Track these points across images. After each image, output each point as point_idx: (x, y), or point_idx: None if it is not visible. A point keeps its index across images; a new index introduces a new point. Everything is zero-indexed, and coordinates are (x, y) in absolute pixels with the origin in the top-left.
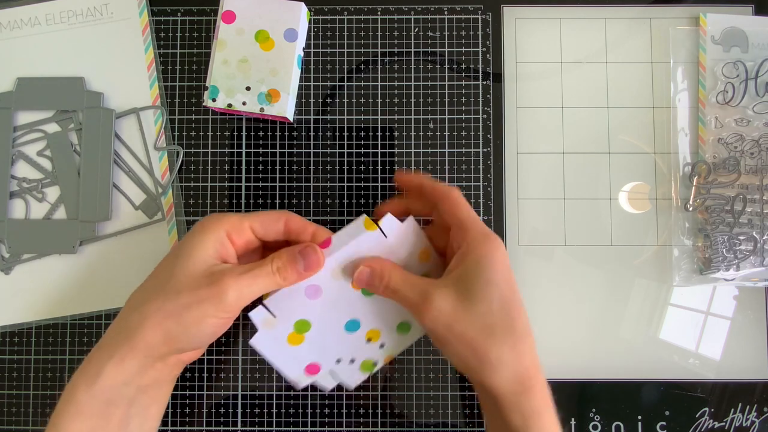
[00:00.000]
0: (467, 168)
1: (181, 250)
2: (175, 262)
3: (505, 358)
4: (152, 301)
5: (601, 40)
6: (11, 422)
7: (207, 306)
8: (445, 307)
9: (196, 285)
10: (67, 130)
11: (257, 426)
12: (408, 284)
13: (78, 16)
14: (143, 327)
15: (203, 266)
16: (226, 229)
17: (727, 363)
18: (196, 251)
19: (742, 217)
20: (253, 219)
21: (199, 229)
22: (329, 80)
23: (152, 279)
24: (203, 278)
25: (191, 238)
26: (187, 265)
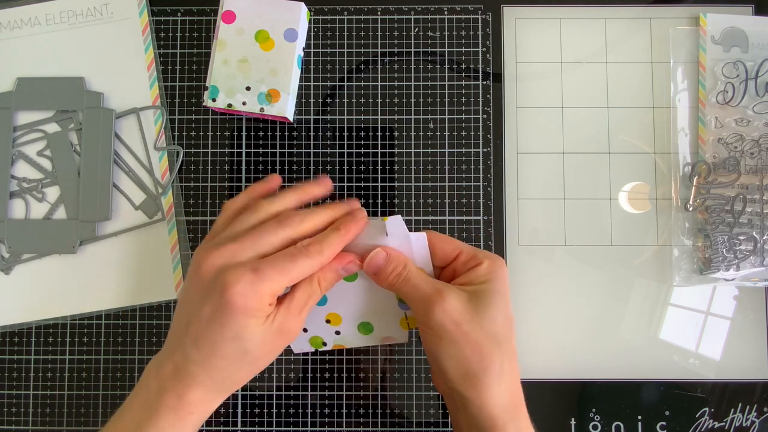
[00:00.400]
0: (467, 168)
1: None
2: (242, 345)
3: (505, 368)
4: (241, 371)
5: (601, 40)
6: (11, 422)
7: (283, 347)
8: (457, 305)
9: (273, 345)
10: (67, 130)
11: (257, 426)
12: (422, 276)
13: (78, 16)
14: (238, 386)
15: (266, 334)
16: (269, 302)
17: (727, 363)
18: (252, 334)
19: (742, 217)
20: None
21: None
22: (329, 80)
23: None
24: (274, 337)
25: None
26: (253, 345)
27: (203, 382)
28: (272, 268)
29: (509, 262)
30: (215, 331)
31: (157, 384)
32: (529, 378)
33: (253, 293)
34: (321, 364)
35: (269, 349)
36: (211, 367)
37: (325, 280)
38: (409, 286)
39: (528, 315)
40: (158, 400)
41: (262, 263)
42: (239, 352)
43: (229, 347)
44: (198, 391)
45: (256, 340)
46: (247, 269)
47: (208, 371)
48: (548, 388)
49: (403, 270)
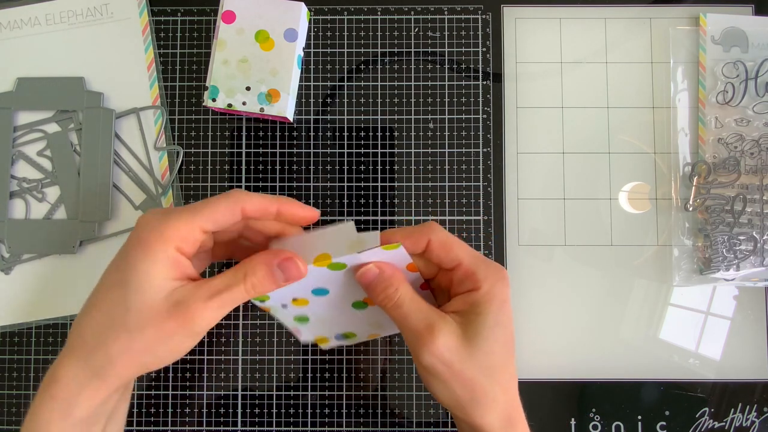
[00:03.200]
0: (467, 168)
1: (128, 278)
2: (125, 294)
3: (498, 397)
4: (115, 340)
5: (601, 40)
6: (11, 422)
7: (178, 338)
8: (450, 344)
9: (161, 318)
10: (67, 130)
11: (257, 426)
12: (415, 305)
13: (78, 16)
14: (114, 366)
15: (161, 295)
16: (175, 244)
17: (727, 363)
18: (148, 281)
19: (742, 217)
20: (203, 218)
21: (142, 248)
22: (329, 80)
23: (102, 312)
24: (166, 309)
25: (135, 262)
26: (143, 299)
27: (75, 347)
28: (184, 209)
29: (509, 262)
30: (105, 277)
31: None
32: (529, 378)
33: (153, 229)
34: (321, 364)
35: (156, 321)
36: (86, 325)
37: (254, 274)
38: (400, 315)
39: (528, 315)
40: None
41: (177, 207)
42: (120, 306)
43: (111, 296)
44: (67, 364)
45: (144, 293)
46: (158, 212)
47: (82, 332)
48: (548, 388)
49: (394, 293)
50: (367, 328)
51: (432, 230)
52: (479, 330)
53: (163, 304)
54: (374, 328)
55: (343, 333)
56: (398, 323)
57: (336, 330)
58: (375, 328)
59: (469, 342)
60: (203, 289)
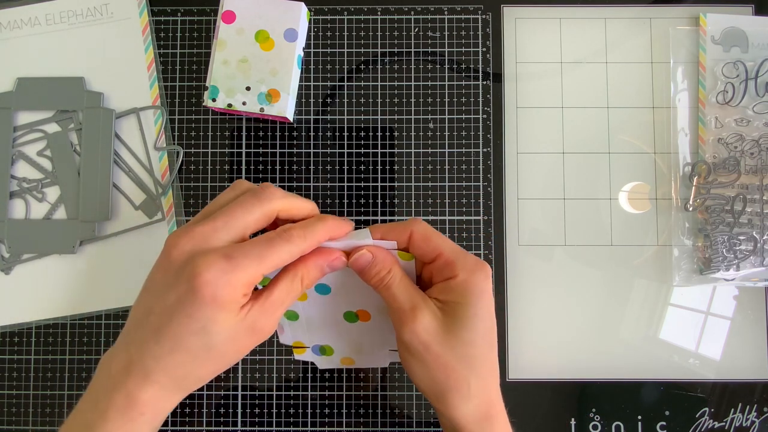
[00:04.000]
0: (467, 168)
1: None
2: (209, 340)
3: (473, 390)
4: (204, 368)
5: (601, 40)
6: (11, 422)
7: (252, 346)
8: (429, 325)
9: (242, 342)
10: (67, 130)
11: (257, 426)
12: (403, 286)
13: (78, 16)
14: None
15: (240, 328)
16: (243, 293)
17: (727, 363)
18: (228, 327)
19: (742, 217)
20: (267, 267)
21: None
22: (329, 80)
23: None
24: (244, 334)
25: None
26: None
27: (159, 379)
28: (247, 255)
29: (509, 262)
30: (180, 322)
31: (109, 381)
32: (529, 378)
33: (224, 283)
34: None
35: (238, 347)
36: (171, 362)
37: (308, 276)
38: (389, 294)
39: (528, 315)
40: (107, 400)
41: (237, 249)
42: (204, 348)
43: (194, 341)
44: (151, 389)
45: (224, 336)
46: (219, 256)
47: (167, 367)
48: (548, 388)
49: (387, 275)
50: (346, 347)
51: (414, 224)
52: (457, 318)
53: (242, 334)
54: (353, 350)
55: (321, 345)
56: (387, 303)
57: (317, 340)
58: (354, 351)
59: (448, 328)
60: (268, 305)
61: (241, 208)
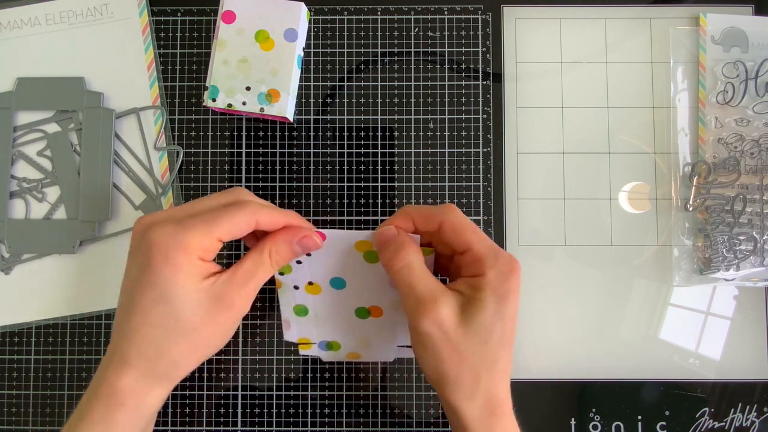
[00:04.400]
0: (467, 168)
1: (168, 292)
2: (171, 308)
3: (484, 384)
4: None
5: (601, 40)
6: (11, 422)
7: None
8: (450, 317)
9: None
10: (67, 130)
11: (257, 426)
12: (424, 275)
13: (78, 16)
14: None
15: (202, 296)
16: (197, 255)
17: (727, 363)
18: (187, 291)
19: (742, 217)
20: (221, 231)
21: (171, 264)
22: (329, 80)
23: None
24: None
25: (170, 277)
26: (189, 307)
27: (135, 363)
28: (197, 219)
29: None
30: (143, 293)
31: (98, 372)
32: (529, 378)
33: (174, 244)
34: (321, 364)
35: (207, 318)
36: (141, 340)
37: (276, 251)
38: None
39: (528, 315)
40: (93, 389)
41: (187, 217)
42: (170, 318)
43: (159, 311)
44: (129, 375)
45: (187, 303)
46: (171, 222)
47: (138, 346)
48: (548, 388)
49: (406, 255)
50: (354, 343)
51: (447, 212)
52: (477, 316)
53: (208, 304)
54: (360, 345)
55: (328, 341)
56: (403, 288)
57: (325, 335)
58: (361, 346)
59: (467, 323)
60: (237, 277)
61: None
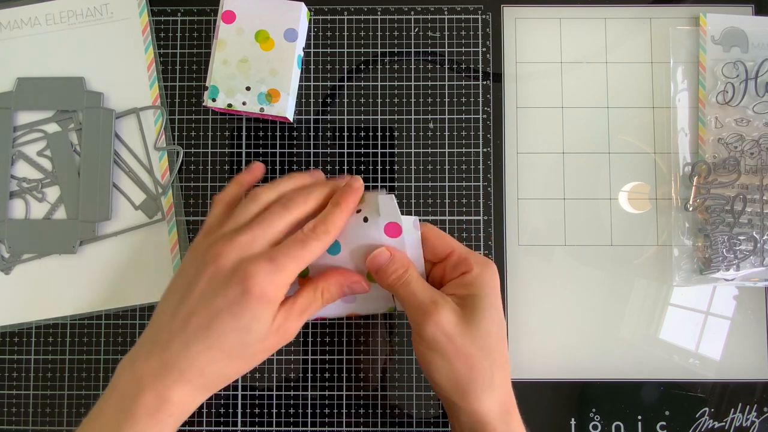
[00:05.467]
0: (467, 168)
1: (251, 326)
2: (247, 338)
3: (496, 380)
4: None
5: (601, 40)
6: (11, 422)
7: (276, 349)
8: (451, 317)
9: (270, 343)
10: (67, 130)
11: (257, 425)
12: (421, 284)
13: (78, 16)
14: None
15: (273, 330)
16: (285, 293)
17: (727, 363)
18: (267, 326)
19: (742, 217)
20: (304, 264)
21: (264, 305)
22: (329, 80)
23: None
24: (274, 335)
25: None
26: (262, 339)
27: (191, 378)
28: (286, 256)
29: (509, 262)
30: (225, 321)
31: (134, 384)
32: (529, 378)
33: (270, 283)
34: (321, 363)
35: (267, 346)
36: (207, 359)
37: (328, 291)
38: (407, 292)
39: (528, 315)
40: (134, 402)
41: (276, 252)
42: (240, 345)
43: (233, 338)
44: (182, 389)
45: (260, 333)
46: (264, 259)
47: (201, 365)
48: (548, 388)
49: (404, 273)
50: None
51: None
52: (476, 310)
53: (272, 333)
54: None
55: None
56: (405, 300)
57: None
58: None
59: (468, 320)
60: (294, 311)
61: (274, 218)
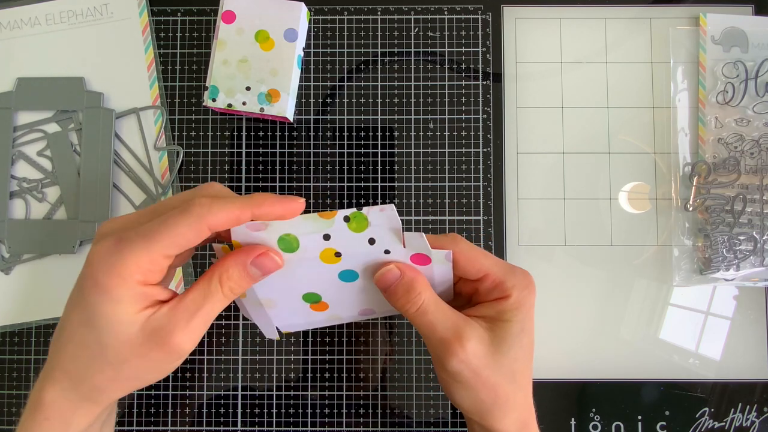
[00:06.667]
0: (467, 168)
1: (93, 320)
2: (96, 335)
3: (519, 402)
4: (99, 372)
5: (601, 40)
6: (11, 422)
7: (164, 362)
8: (479, 350)
9: (142, 350)
10: (67, 130)
11: (257, 425)
12: (440, 312)
13: (78, 16)
14: (102, 392)
15: (133, 329)
16: (136, 279)
17: (727, 363)
18: (114, 322)
19: (742, 217)
20: (163, 245)
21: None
22: (329, 80)
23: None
24: (145, 340)
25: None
26: (116, 338)
27: (57, 377)
28: (138, 233)
29: (509, 262)
30: (71, 312)
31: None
32: None
33: (107, 267)
34: (321, 364)
35: (138, 353)
36: (67, 358)
37: (229, 278)
38: (425, 322)
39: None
40: (28, 400)
41: (131, 230)
42: (96, 345)
43: (83, 335)
44: (53, 389)
45: (115, 333)
46: (112, 237)
47: (63, 364)
48: (548, 388)
49: (418, 298)
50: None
51: (455, 242)
52: (506, 337)
53: (140, 337)
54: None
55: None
56: (423, 330)
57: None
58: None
59: (496, 348)
60: (180, 311)
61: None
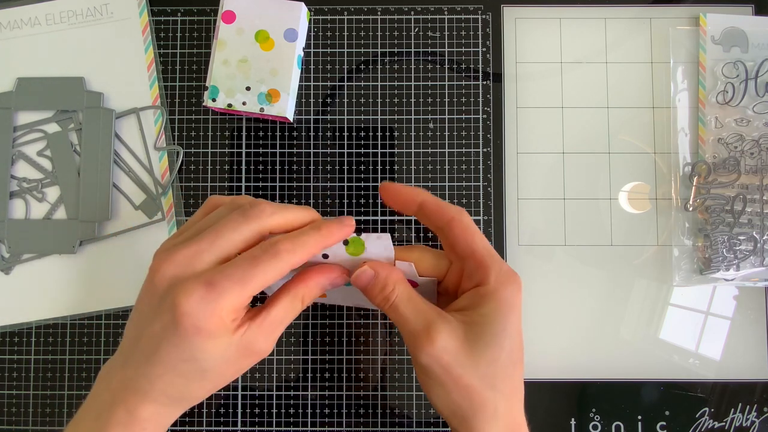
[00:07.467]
0: (467, 168)
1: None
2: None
3: (500, 410)
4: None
5: (601, 40)
6: (11, 422)
7: (249, 365)
8: (449, 346)
9: (237, 363)
10: (67, 130)
11: (257, 425)
12: (412, 306)
13: (78, 16)
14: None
15: (231, 350)
16: (230, 318)
17: (727, 363)
18: (217, 355)
19: (742, 217)
20: (254, 288)
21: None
22: (329, 80)
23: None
24: (239, 355)
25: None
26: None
27: (156, 398)
28: (230, 278)
29: (509, 262)
30: (168, 351)
31: (109, 395)
32: (529, 378)
33: (206, 313)
34: (321, 364)
35: (235, 367)
36: (166, 384)
37: (309, 296)
38: (397, 315)
39: (528, 315)
40: (109, 414)
41: (218, 273)
42: (197, 372)
43: (185, 367)
44: (151, 407)
45: (216, 360)
46: (199, 283)
47: (162, 388)
48: (548, 388)
49: (391, 294)
50: None
51: (460, 213)
52: (483, 335)
53: (236, 354)
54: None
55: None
56: (398, 325)
57: None
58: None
59: (471, 346)
60: (267, 324)
61: (228, 228)
